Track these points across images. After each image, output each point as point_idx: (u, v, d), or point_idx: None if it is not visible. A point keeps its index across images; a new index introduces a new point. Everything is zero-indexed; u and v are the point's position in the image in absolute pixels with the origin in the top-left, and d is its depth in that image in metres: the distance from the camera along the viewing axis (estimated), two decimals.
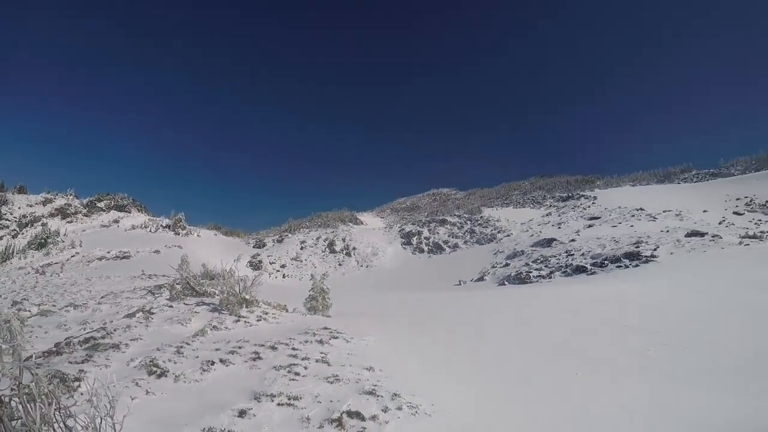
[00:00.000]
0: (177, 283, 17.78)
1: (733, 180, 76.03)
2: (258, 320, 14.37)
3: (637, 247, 40.89)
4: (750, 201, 61.72)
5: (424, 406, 7.85)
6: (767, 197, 61.62)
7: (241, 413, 6.93)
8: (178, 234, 73.87)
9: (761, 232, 44.44)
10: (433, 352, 12.59)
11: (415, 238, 70.60)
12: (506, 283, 40.80)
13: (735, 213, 57.22)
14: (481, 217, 76.10)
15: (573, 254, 44.20)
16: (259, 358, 9.89)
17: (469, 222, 74.10)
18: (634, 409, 8.70)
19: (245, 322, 13.91)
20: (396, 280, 50.73)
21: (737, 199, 63.58)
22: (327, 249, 70.44)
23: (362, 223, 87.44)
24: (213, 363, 9.28)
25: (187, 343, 10.84)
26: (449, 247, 66.70)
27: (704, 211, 58.23)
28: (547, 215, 73.47)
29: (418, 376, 9.99)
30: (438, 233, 71.36)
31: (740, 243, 39.54)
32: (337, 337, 12.53)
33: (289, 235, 78.77)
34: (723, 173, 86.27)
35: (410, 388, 8.70)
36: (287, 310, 17.21)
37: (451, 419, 7.61)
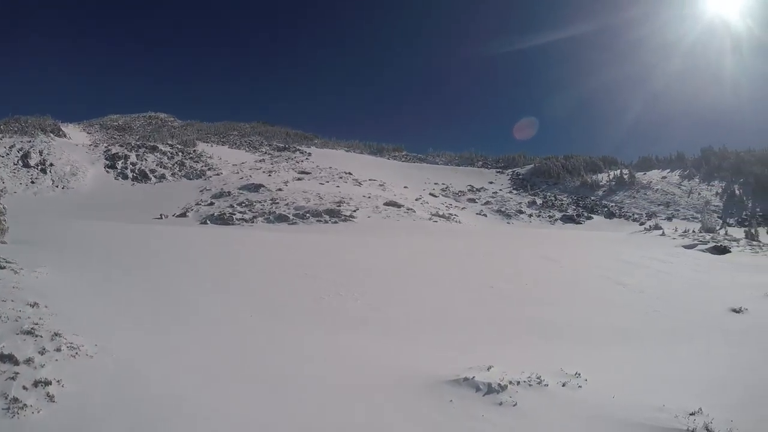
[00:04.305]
0: None
1: (436, 168, 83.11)
2: None
3: (339, 206, 42.91)
4: (446, 188, 67.80)
5: (86, 347, 7.29)
6: (460, 188, 68.31)
7: None
8: None
9: (449, 213, 49.52)
10: (114, 289, 11.87)
11: (120, 162, 65.19)
12: (208, 222, 40.33)
13: (431, 194, 62.44)
14: (194, 150, 73.72)
15: (278, 203, 45.02)
16: None
17: (180, 153, 71.10)
18: (301, 349, 9.07)
19: None
20: (94, 206, 46.53)
21: (435, 184, 69.41)
22: (20, 162, 59.77)
23: (66, 136, 78.20)
24: None
25: None
26: (156, 177, 63.20)
27: (405, 187, 62.60)
28: (260, 161, 73.70)
29: (89, 314, 9.30)
30: (146, 160, 67.03)
31: (430, 219, 43.71)
32: (4, 267, 11.16)
33: None
34: (429, 160, 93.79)
35: (75, 327, 8.04)
36: None
37: (114, 360, 7.19)
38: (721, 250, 28.03)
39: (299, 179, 58.50)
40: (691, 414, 6.42)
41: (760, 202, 56.72)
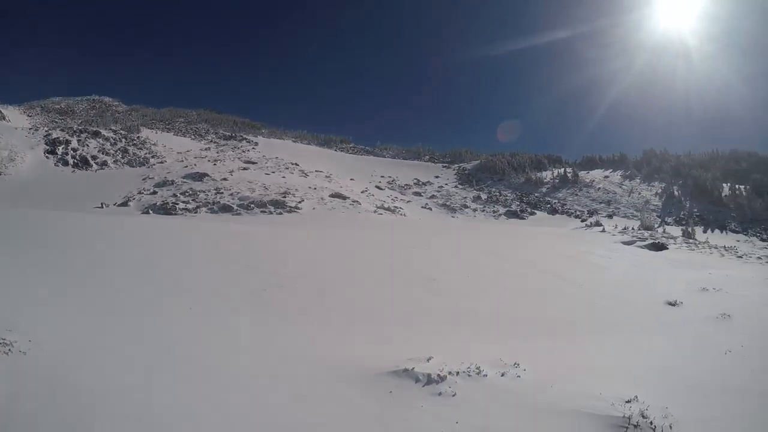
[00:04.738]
0: None
1: (383, 161, 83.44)
2: None
3: (284, 197, 42.73)
4: (392, 181, 68.02)
5: (19, 343, 7.05)
6: (406, 181, 68.63)
7: None
8: None
9: (395, 206, 49.89)
10: (49, 282, 11.54)
11: (61, 148, 62.68)
12: (150, 212, 39.52)
13: (377, 187, 62.49)
14: (139, 137, 71.78)
15: (222, 193, 44.49)
16: None
17: (124, 140, 69.02)
18: (240, 341, 8.95)
19: None
20: (32, 194, 44.54)
21: (382, 176, 69.50)
22: None
23: (5, 119, 74.79)
24: None
25: None
26: (97, 163, 61.16)
27: (351, 179, 62.48)
28: (206, 149, 72.49)
29: (23, 307, 9.03)
30: (88, 146, 64.75)
31: (375, 212, 43.89)
32: None
33: None
34: (376, 153, 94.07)
35: (8, 321, 7.79)
36: None
37: (47, 357, 6.97)
38: (658, 247, 28.96)
39: (245, 169, 57.78)
40: (627, 401, 6.59)
41: (697, 203, 58.39)
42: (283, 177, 54.04)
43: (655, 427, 5.96)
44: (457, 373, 7.34)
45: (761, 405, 7.18)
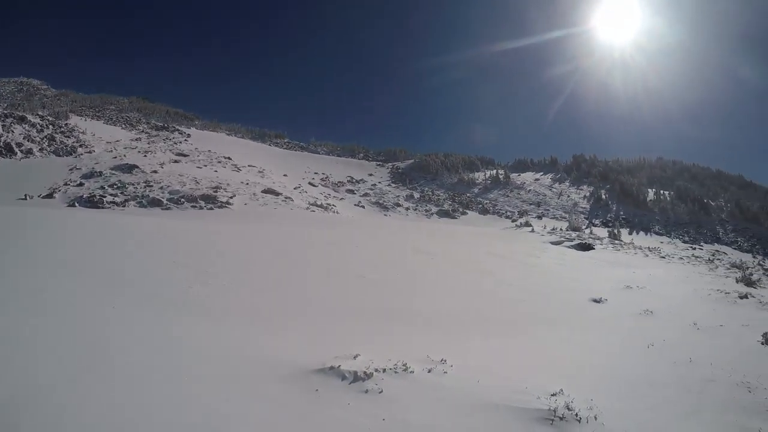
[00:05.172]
0: None
1: (317, 157, 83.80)
2: None
3: (216, 191, 42.21)
4: (325, 178, 68.33)
5: None
6: (340, 178, 69.13)
7: None
8: None
9: (328, 203, 50.12)
10: None
11: None
12: (77, 204, 38.32)
13: (310, 184, 62.49)
14: (67, 124, 69.07)
15: (152, 186, 43.51)
16: None
17: (51, 126, 66.16)
18: (164, 341, 8.67)
19: None
20: None
21: (315, 173, 69.64)
22: None
23: None
24: None
25: None
26: (22, 151, 58.38)
27: (285, 175, 62.21)
28: (136, 140, 70.65)
29: None
30: (13, 132, 61.49)
31: (307, 208, 43.94)
32: None
33: None
34: (311, 149, 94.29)
35: None
36: None
37: None
38: (585, 247, 29.82)
39: (176, 161, 56.63)
40: (552, 395, 6.73)
41: (624, 206, 60.57)
42: (215, 171, 53.31)
43: (581, 418, 6.10)
44: (384, 370, 7.34)
45: (681, 395, 7.44)
